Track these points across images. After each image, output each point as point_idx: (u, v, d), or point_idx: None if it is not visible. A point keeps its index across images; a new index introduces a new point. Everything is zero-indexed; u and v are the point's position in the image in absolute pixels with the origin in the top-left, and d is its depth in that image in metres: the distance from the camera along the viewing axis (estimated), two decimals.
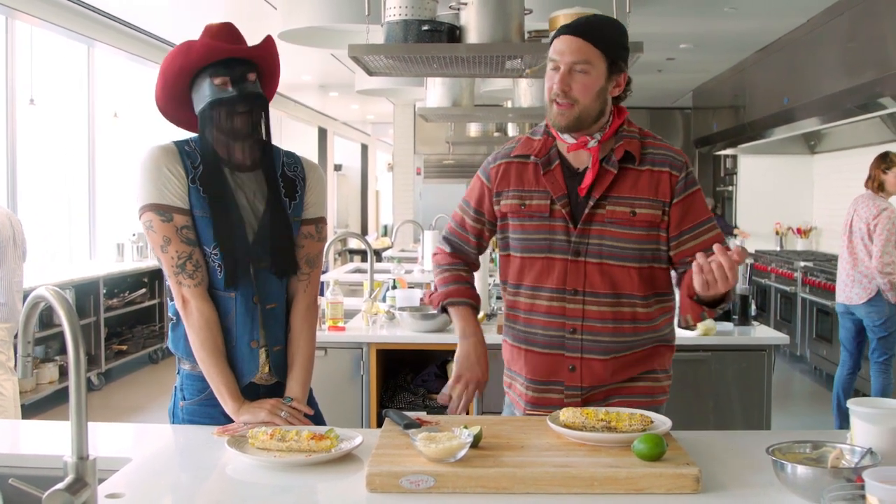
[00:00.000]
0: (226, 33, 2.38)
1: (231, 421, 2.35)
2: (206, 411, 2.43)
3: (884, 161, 5.92)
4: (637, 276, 2.36)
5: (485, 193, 2.52)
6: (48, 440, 2.41)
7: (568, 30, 2.30)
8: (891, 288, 5.72)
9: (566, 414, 2.13)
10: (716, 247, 2.06)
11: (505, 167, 2.48)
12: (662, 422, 2.14)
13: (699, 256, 2.08)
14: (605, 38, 2.30)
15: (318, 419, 2.54)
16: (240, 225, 2.38)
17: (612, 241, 2.34)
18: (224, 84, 2.34)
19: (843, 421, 5.99)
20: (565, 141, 2.39)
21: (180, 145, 2.41)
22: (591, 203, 2.34)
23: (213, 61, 2.34)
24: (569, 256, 2.36)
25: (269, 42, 2.44)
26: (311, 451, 2.07)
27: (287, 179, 2.48)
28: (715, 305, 2.26)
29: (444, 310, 2.58)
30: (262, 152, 2.44)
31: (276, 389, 2.47)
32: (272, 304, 2.45)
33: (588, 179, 2.35)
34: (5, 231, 5.57)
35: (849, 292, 6.00)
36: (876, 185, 5.92)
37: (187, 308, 2.34)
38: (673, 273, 2.49)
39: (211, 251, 2.35)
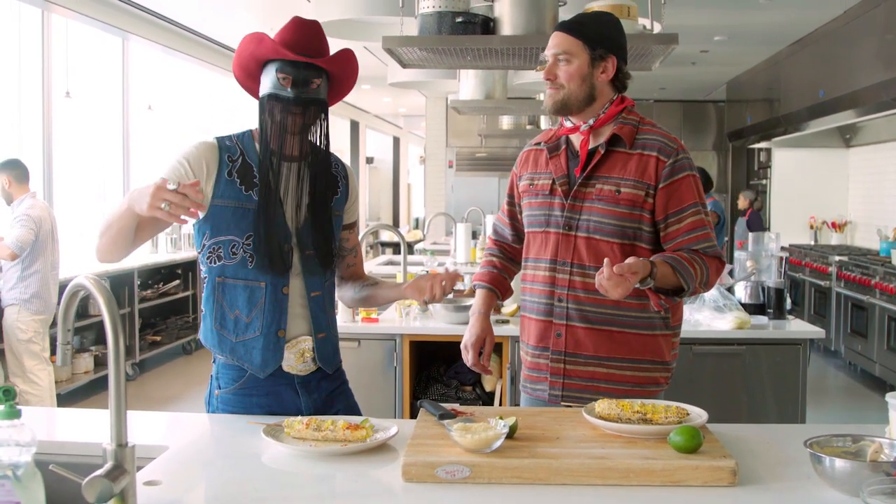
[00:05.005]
0: (306, 34, 2.39)
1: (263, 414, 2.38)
2: (240, 401, 2.44)
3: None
4: (619, 252, 2.52)
5: (514, 178, 2.84)
6: (86, 428, 2.44)
7: (556, 27, 2.61)
8: None
9: (602, 406, 2.13)
10: (605, 261, 2.26)
11: (527, 154, 2.80)
12: (698, 414, 2.14)
13: (604, 266, 2.24)
14: (587, 32, 2.54)
15: (353, 410, 2.56)
16: (281, 214, 2.40)
17: (598, 217, 2.54)
18: (286, 82, 2.37)
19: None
20: (567, 127, 2.64)
21: (222, 141, 2.44)
22: (578, 181, 2.57)
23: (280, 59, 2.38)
24: (561, 230, 2.59)
25: (343, 55, 2.46)
26: (347, 440, 2.08)
27: (329, 175, 2.52)
28: (668, 294, 2.44)
29: None
30: (311, 148, 2.48)
31: (316, 378, 2.49)
32: (316, 292, 2.48)
33: (581, 159, 2.58)
34: (46, 225, 5.65)
35: None
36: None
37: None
38: None
39: (243, 241, 2.37)
